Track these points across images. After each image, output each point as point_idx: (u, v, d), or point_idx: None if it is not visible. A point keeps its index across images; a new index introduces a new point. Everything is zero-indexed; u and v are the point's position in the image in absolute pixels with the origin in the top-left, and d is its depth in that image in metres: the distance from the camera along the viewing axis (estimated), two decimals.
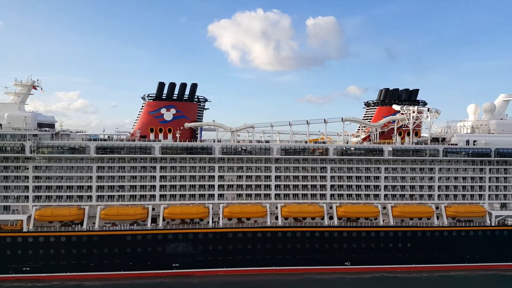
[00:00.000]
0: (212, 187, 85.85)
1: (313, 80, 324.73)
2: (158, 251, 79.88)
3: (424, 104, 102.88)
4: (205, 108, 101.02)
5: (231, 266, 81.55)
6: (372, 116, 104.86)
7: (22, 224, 78.23)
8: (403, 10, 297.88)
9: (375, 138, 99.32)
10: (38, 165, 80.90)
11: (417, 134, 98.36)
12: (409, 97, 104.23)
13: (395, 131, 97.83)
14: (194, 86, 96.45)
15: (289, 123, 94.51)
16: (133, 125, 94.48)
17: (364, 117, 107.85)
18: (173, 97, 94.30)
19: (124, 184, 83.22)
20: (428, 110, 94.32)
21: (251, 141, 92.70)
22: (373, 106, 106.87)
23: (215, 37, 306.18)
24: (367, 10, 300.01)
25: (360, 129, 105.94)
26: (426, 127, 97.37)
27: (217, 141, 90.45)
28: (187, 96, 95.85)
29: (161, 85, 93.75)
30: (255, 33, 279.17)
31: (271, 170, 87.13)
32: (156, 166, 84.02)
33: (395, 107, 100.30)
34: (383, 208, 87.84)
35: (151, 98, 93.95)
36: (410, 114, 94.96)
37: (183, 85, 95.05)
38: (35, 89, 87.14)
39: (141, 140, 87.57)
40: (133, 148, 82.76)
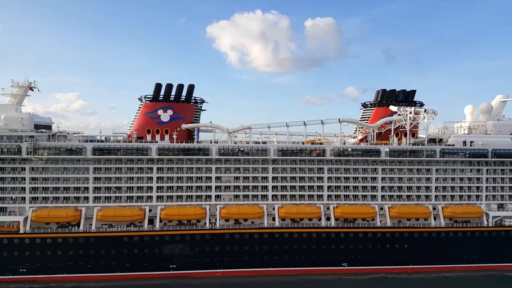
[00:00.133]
0: (209, 188, 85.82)
1: (312, 81, 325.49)
2: (155, 253, 79.86)
3: (421, 105, 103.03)
4: (202, 109, 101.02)
5: (228, 268, 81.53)
6: (369, 117, 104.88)
7: (19, 226, 78.27)
8: (402, 11, 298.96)
9: (372, 139, 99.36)
10: (35, 167, 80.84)
11: (414, 135, 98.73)
12: (406, 98, 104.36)
13: (392, 132, 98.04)
14: (191, 87, 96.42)
15: (286, 124, 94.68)
16: (130, 126, 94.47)
17: (362, 118, 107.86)
18: (170, 98, 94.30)
19: (121, 186, 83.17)
20: (425, 111, 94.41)
21: (248, 142, 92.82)
22: (370, 107, 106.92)
23: (214, 38, 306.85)
24: (366, 11, 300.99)
25: (357, 130, 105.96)
26: (423, 128, 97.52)
27: (214, 142, 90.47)
28: (184, 97, 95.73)
29: (158, 86, 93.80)
30: (254, 34, 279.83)
31: (268, 171, 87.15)
32: (153, 167, 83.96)
33: (392, 108, 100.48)
34: (380, 209, 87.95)
35: (148, 99, 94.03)
36: (407, 115, 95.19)
37: (180, 86, 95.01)
38: (32, 90, 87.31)
39: (138, 142, 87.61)
40: (130, 150, 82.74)
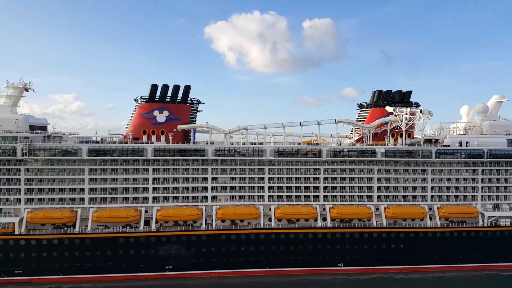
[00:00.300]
0: (206, 189, 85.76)
1: (310, 82, 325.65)
2: (151, 254, 79.73)
3: (417, 106, 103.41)
4: (199, 110, 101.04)
5: (225, 268, 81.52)
6: (366, 118, 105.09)
7: (14, 227, 77.93)
8: (400, 12, 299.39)
9: (368, 140, 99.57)
10: (30, 168, 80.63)
11: (410, 136, 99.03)
12: (402, 99, 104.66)
13: (388, 133, 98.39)
14: (187, 88, 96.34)
15: (283, 125, 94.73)
16: (126, 127, 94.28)
17: (358, 119, 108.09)
18: (166, 99, 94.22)
19: (117, 187, 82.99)
20: (421, 112, 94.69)
21: (245, 143, 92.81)
22: (367, 108, 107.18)
23: (212, 39, 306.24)
24: (364, 12, 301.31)
25: (354, 131, 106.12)
26: (419, 129, 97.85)
27: (210, 143, 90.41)
28: (180, 98, 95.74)
29: (154, 87, 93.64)
30: (252, 35, 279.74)
31: (265, 172, 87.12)
32: (149, 168, 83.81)
33: (388, 109, 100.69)
34: (376, 209, 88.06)
35: (144, 100, 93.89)
36: (403, 116, 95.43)
37: (176, 87, 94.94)
38: (27, 91, 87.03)
39: (134, 142, 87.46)
40: (126, 150, 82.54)
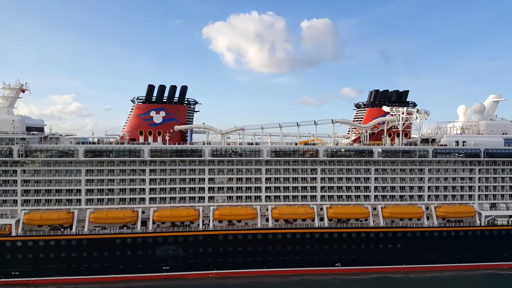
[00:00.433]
0: (203, 190, 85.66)
1: (309, 82, 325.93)
2: (148, 254, 79.67)
3: (414, 105, 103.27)
4: (195, 111, 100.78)
5: (222, 269, 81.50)
6: (363, 118, 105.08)
7: (11, 228, 77.84)
8: (399, 12, 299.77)
9: (365, 140, 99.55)
10: (26, 169, 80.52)
11: (407, 135, 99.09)
12: (399, 99, 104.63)
13: (385, 132, 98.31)
14: (184, 89, 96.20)
15: (279, 125, 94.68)
16: (123, 128, 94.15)
17: (355, 119, 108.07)
18: (163, 100, 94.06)
19: (114, 188, 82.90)
20: (417, 111, 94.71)
21: (241, 143, 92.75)
22: (363, 108, 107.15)
23: (210, 40, 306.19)
24: (362, 12, 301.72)
25: (351, 131, 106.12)
26: (416, 128, 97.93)
27: (207, 144, 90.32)
28: (177, 99, 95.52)
29: (151, 88, 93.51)
30: (250, 36, 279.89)
31: (262, 172, 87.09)
32: (146, 169, 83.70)
33: (385, 109, 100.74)
34: (373, 209, 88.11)
35: (141, 101, 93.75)
36: (400, 115, 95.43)
37: (173, 88, 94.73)
38: (23, 92, 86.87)
39: (131, 143, 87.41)
40: (122, 151, 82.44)
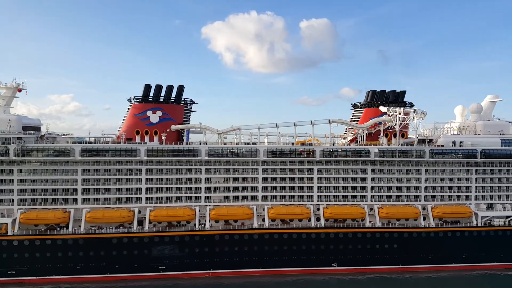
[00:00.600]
0: (199, 190, 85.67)
1: (308, 82, 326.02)
2: (145, 254, 79.67)
3: (411, 106, 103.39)
4: (192, 110, 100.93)
5: (218, 268, 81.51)
6: (360, 118, 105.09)
7: (7, 228, 77.83)
8: (398, 12, 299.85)
9: (362, 140, 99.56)
10: (23, 168, 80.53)
11: (404, 136, 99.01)
12: (396, 99, 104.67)
13: (382, 133, 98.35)
14: (181, 88, 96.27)
15: (276, 125, 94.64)
16: (119, 128, 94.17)
17: (352, 119, 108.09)
18: (160, 99, 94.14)
19: (110, 187, 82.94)
20: (414, 112, 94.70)
21: (238, 143, 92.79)
22: (360, 108, 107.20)
23: (209, 40, 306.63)
24: (361, 12, 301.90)
25: (347, 131, 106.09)
26: (413, 129, 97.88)
27: (204, 143, 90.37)
28: (174, 98, 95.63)
29: (147, 87, 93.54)
30: (249, 35, 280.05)
31: (258, 172, 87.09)
32: (142, 169, 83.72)
33: (382, 109, 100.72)
34: (370, 209, 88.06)
35: (137, 100, 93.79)
36: (397, 116, 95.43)
37: (170, 87, 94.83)
38: (20, 92, 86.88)
39: (127, 143, 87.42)
40: (119, 151, 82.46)
